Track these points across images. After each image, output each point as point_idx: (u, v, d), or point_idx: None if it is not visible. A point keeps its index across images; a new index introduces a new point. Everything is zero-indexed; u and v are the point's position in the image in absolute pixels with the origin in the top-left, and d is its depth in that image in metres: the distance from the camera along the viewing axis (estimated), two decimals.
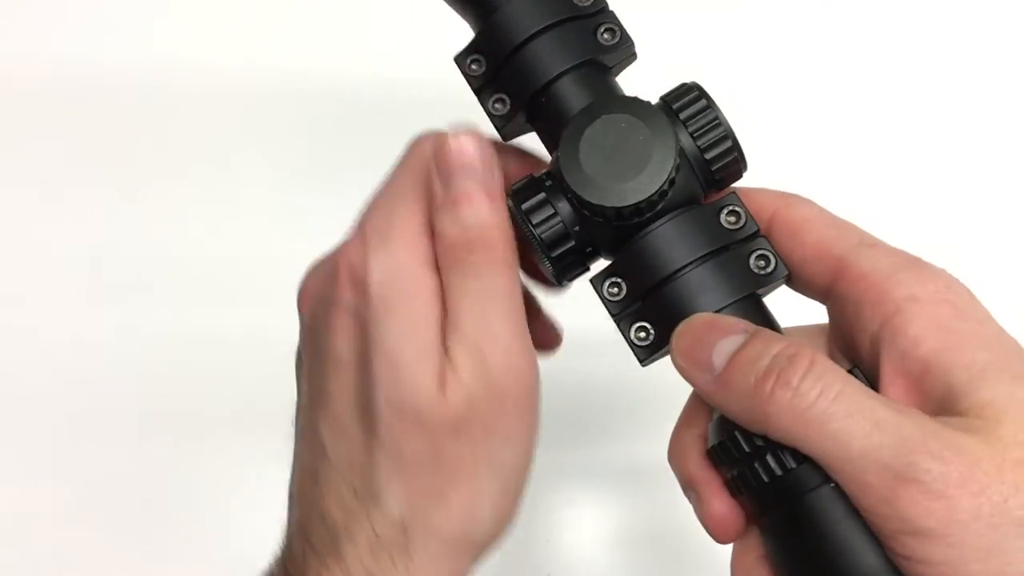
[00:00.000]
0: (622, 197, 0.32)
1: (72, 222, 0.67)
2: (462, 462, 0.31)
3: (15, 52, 0.70)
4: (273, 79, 0.70)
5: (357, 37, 0.70)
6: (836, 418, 0.28)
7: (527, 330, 0.33)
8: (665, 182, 0.32)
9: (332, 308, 0.33)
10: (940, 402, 0.29)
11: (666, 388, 0.34)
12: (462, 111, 0.36)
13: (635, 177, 0.32)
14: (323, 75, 0.69)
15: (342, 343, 0.32)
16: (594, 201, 0.32)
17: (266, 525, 0.36)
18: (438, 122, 0.34)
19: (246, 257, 0.65)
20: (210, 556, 0.59)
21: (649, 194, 0.32)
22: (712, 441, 0.32)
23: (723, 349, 0.30)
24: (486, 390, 0.31)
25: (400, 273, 0.32)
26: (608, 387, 0.33)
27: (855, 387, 0.28)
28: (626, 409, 0.34)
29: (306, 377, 0.35)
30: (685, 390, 0.34)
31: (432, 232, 0.33)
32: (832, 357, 0.32)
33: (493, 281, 0.32)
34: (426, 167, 0.33)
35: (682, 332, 0.31)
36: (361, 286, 0.32)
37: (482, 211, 0.32)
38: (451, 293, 0.32)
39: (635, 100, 0.33)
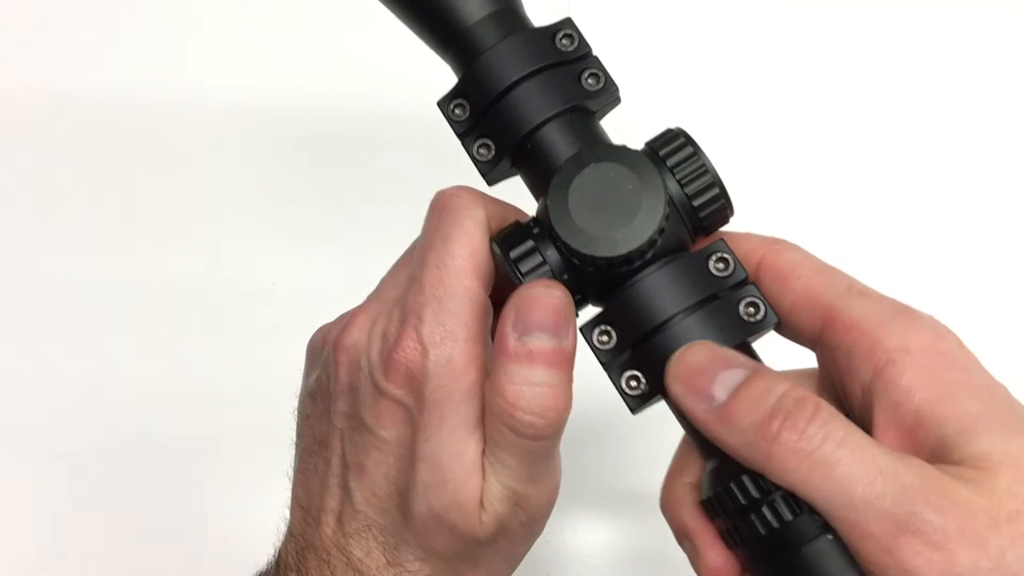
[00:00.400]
0: (613, 247, 0.32)
1: (62, 253, 0.67)
2: (485, 557, 0.35)
3: (7, 83, 0.70)
4: (267, 104, 0.69)
5: (351, 65, 0.70)
6: (842, 463, 0.28)
7: (560, 463, 0.35)
8: (655, 232, 0.32)
9: (381, 396, 0.33)
10: (933, 452, 0.29)
11: None
12: (451, 139, 0.36)
13: (625, 227, 0.32)
14: (315, 101, 0.69)
15: (387, 429, 0.34)
16: (584, 251, 0.32)
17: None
18: (433, 148, 0.33)
19: (242, 281, 0.65)
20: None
21: (639, 244, 0.32)
22: (706, 493, 0.32)
23: (726, 381, 0.30)
24: (518, 522, 0.34)
25: (456, 385, 0.32)
26: (612, 392, 0.33)
27: (858, 434, 0.28)
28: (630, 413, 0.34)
29: (338, 437, 0.35)
30: None
31: (484, 339, 0.33)
32: None
33: (546, 444, 0.33)
34: (480, 262, 0.33)
35: (682, 358, 0.31)
36: (417, 388, 0.33)
37: (554, 376, 0.32)
38: (502, 440, 0.32)
39: (623, 148, 0.33)
